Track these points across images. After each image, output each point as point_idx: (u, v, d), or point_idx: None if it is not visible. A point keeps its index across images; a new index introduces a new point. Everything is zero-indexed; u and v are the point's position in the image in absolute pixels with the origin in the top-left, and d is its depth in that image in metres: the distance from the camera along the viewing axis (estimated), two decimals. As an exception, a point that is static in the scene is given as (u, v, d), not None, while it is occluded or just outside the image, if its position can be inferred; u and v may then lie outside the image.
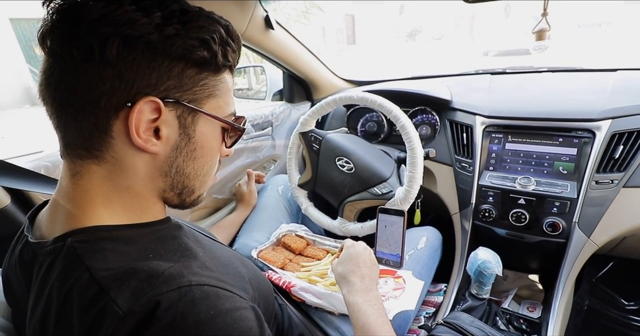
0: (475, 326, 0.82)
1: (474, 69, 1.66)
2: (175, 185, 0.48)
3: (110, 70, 0.39)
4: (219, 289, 0.40)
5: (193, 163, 0.48)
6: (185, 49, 0.41)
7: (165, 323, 0.35)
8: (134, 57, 0.39)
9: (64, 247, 0.40)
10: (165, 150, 0.45)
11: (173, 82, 0.42)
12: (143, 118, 0.41)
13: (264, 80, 1.66)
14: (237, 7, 1.11)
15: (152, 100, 0.41)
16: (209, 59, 0.44)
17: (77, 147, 0.43)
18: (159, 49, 0.40)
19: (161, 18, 0.40)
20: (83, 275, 0.38)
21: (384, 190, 1.04)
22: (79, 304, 0.37)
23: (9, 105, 7.78)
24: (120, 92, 0.40)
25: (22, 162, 0.84)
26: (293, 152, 1.23)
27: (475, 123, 1.22)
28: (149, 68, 0.40)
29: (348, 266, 0.74)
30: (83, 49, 0.38)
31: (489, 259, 1.04)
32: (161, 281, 0.37)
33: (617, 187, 1.02)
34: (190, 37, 0.41)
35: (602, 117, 1.06)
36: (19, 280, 0.49)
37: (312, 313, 0.88)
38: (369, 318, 0.62)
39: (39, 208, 0.53)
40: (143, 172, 0.45)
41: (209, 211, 1.38)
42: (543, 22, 0.90)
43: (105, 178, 0.44)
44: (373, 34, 19.58)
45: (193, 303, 0.36)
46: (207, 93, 0.46)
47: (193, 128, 0.46)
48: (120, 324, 0.35)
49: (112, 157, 0.43)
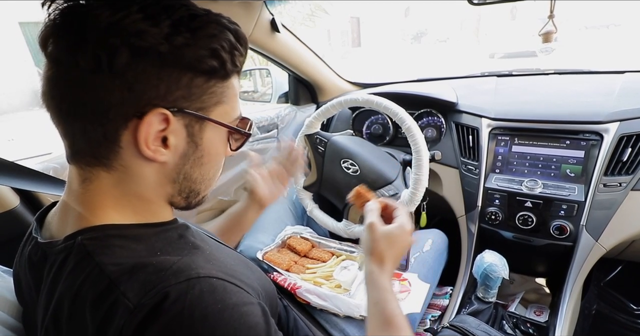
0: (482, 329, 0.82)
1: (479, 71, 1.65)
2: (182, 190, 0.48)
3: (118, 81, 0.38)
4: (226, 282, 0.40)
5: (200, 169, 0.48)
6: (195, 60, 0.41)
7: (173, 315, 0.35)
8: (143, 68, 0.39)
9: (74, 244, 0.41)
10: (174, 159, 0.45)
11: (182, 92, 0.41)
12: (152, 130, 0.41)
13: (269, 83, 1.67)
14: (244, 10, 1.12)
15: (162, 112, 0.41)
16: (218, 68, 0.43)
17: (86, 155, 0.43)
18: (169, 60, 0.39)
19: (170, 27, 0.39)
20: (93, 270, 0.38)
21: (389, 193, 1.04)
22: (91, 299, 0.38)
23: (18, 108, 7.88)
24: (129, 104, 0.39)
25: (31, 164, 0.86)
26: (298, 154, 1.23)
27: (482, 125, 1.22)
28: (158, 78, 0.40)
29: (392, 247, 0.62)
30: (91, 59, 0.37)
31: (495, 262, 1.04)
32: (170, 274, 0.38)
33: (625, 189, 1.01)
34: (200, 46, 0.41)
35: (610, 120, 1.05)
36: (28, 281, 0.49)
37: (317, 315, 0.88)
38: (396, 310, 0.56)
39: (47, 210, 0.53)
40: (152, 179, 0.45)
41: (215, 213, 1.39)
42: (550, 24, 0.89)
43: (115, 185, 0.44)
44: (378, 37, 19.58)
45: (201, 295, 0.37)
46: (215, 100, 0.45)
47: (200, 136, 0.46)
48: (130, 317, 0.35)
49: (121, 165, 0.43)
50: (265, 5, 1.19)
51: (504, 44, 11.09)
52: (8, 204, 0.82)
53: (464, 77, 1.65)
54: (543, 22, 0.90)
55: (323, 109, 1.15)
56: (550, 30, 0.91)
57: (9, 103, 7.82)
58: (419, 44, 20.78)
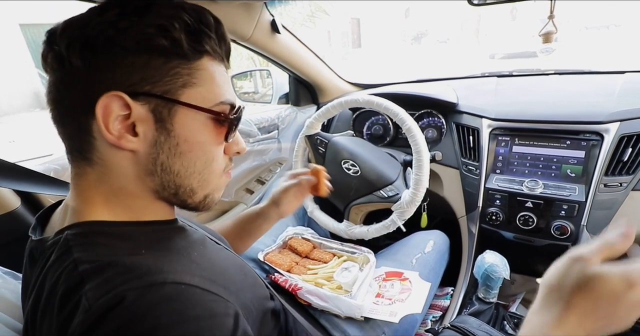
0: (483, 330, 0.82)
1: (480, 71, 1.65)
2: (166, 184, 0.46)
3: (79, 74, 0.41)
4: (198, 289, 0.38)
5: (180, 159, 0.45)
6: (142, 39, 0.40)
7: (123, 321, 0.32)
8: (96, 58, 0.40)
9: (61, 239, 0.41)
10: (145, 147, 0.43)
11: (139, 75, 0.41)
12: (111, 114, 0.40)
13: (270, 84, 1.67)
14: (244, 11, 1.12)
15: (115, 95, 0.40)
16: (170, 47, 0.42)
17: (73, 150, 0.45)
18: (118, 45, 0.40)
19: (118, 15, 0.40)
20: (69, 266, 0.37)
21: (390, 193, 1.04)
22: (60, 295, 0.36)
23: (19, 109, 7.90)
24: (91, 93, 0.40)
25: (32, 165, 0.86)
26: (299, 155, 1.23)
27: (482, 126, 1.22)
28: (113, 64, 0.40)
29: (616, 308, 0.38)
30: (56, 58, 0.41)
31: (496, 263, 1.04)
32: (135, 276, 0.36)
33: (626, 190, 1.01)
34: (145, 25, 0.40)
35: (611, 120, 1.05)
36: (28, 279, 0.49)
37: (318, 316, 0.88)
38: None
39: (49, 210, 0.53)
40: (130, 171, 0.44)
41: (216, 214, 1.39)
42: (550, 25, 0.89)
43: (99, 180, 0.44)
44: (379, 37, 19.60)
45: (158, 303, 0.34)
46: (181, 82, 0.43)
47: (170, 121, 0.43)
48: (84, 317, 0.33)
49: (99, 158, 0.43)
50: (265, 6, 1.19)
51: (504, 45, 11.12)
52: (9, 205, 0.82)
53: (465, 77, 1.65)
54: (543, 23, 0.90)
55: (324, 110, 1.15)
56: (551, 31, 0.90)
57: (10, 104, 7.84)
58: (419, 45, 20.80)
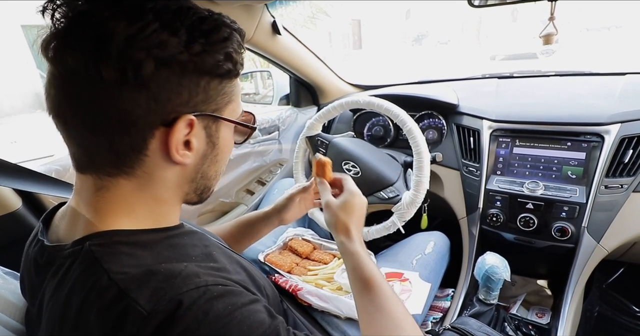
0: (483, 331, 0.82)
1: (480, 73, 1.65)
2: (198, 187, 0.51)
3: (145, 92, 0.39)
4: (230, 287, 0.42)
5: (215, 166, 0.51)
6: (214, 65, 0.42)
7: (190, 320, 0.36)
8: (166, 77, 0.40)
9: (82, 250, 0.41)
10: (195, 160, 0.47)
11: (201, 96, 0.43)
12: (180, 135, 0.43)
13: (270, 85, 1.68)
14: (245, 12, 1.12)
15: (189, 118, 0.42)
16: (232, 70, 0.45)
17: (107, 165, 0.43)
18: (189, 67, 0.41)
19: (186, 34, 0.40)
20: (101, 277, 0.38)
21: (390, 195, 1.04)
22: (99, 305, 0.38)
23: (21, 110, 7.91)
24: (155, 113, 0.41)
25: (34, 166, 0.86)
26: (299, 156, 1.23)
27: (483, 127, 1.22)
28: (180, 86, 0.41)
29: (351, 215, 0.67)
30: (116, 72, 0.37)
31: (496, 264, 1.03)
32: (180, 282, 0.39)
33: (626, 191, 1.01)
34: (216, 52, 0.42)
35: (611, 121, 1.05)
36: (32, 282, 0.49)
37: (318, 316, 0.88)
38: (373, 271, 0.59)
39: (52, 212, 0.53)
40: (173, 181, 0.47)
41: (217, 214, 1.39)
42: (550, 26, 0.89)
43: (134, 191, 0.45)
44: (379, 39, 19.62)
45: (212, 301, 0.38)
46: (227, 100, 0.47)
47: (217, 135, 0.48)
48: (143, 322, 0.36)
49: (144, 172, 0.44)
50: (266, 7, 1.19)
51: (504, 46, 11.13)
52: (10, 206, 0.82)
53: (465, 79, 1.66)
54: (544, 24, 0.90)
55: (324, 111, 1.15)
56: (551, 32, 0.90)
57: (12, 105, 7.85)
58: (420, 46, 20.83)
